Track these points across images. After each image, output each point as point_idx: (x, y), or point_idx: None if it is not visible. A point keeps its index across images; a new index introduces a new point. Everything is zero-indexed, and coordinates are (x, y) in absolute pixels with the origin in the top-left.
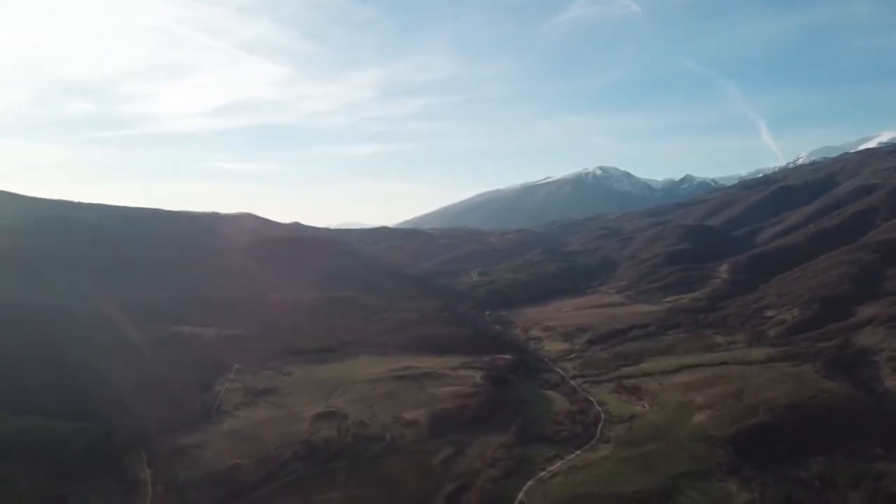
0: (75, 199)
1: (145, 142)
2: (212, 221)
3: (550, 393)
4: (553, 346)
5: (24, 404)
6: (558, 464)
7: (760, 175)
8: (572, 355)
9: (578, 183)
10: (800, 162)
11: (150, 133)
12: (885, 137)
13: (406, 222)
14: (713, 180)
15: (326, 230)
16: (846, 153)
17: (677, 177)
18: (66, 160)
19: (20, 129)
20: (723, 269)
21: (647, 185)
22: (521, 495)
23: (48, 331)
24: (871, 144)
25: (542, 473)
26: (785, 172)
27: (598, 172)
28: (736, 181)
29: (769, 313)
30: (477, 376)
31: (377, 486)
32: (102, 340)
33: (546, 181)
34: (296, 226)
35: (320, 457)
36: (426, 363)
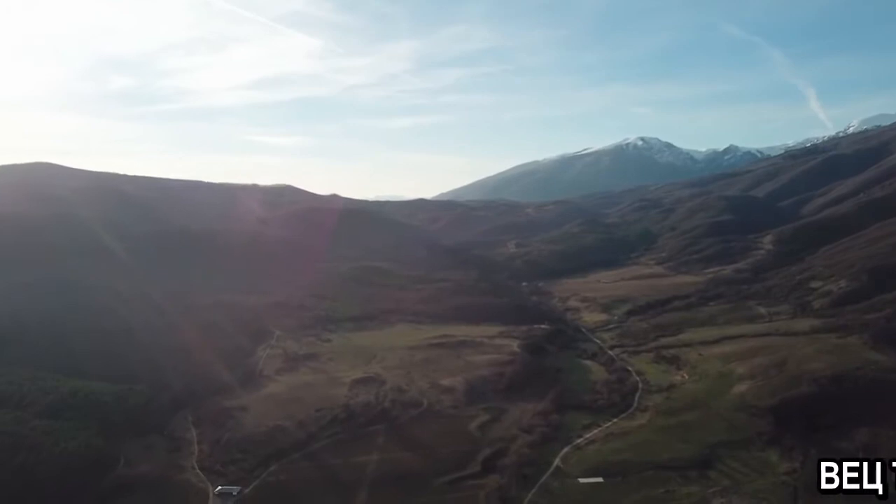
0: (120, 172)
1: (185, 116)
2: (251, 193)
3: (588, 362)
4: (591, 317)
5: (75, 368)
6: (595, 431)
7: (809, 145)
8: (611, 326)
9: (618, 154)
10: (851, 131)
11: (190, 107)
12: None
13: (443, 195)
14: (758, 151)
15: (364, 202)
16: None
17: (721, 147)
18: (110, 134)
19: (66, 104)
20: (767, 240)
21: (689, 156)
22: (557, 461)
23: (96, 299)
24: None
25: (579, 440)
26: (835, 141)
27: (639, 143)
28: (782, 151)
29: (815, 284)
30: (514, 345)
31: (414, 449)
32: (148, 307)
33: (585, 152)
34: (334, 198)
35: (359, 420)
36: (463, 332)
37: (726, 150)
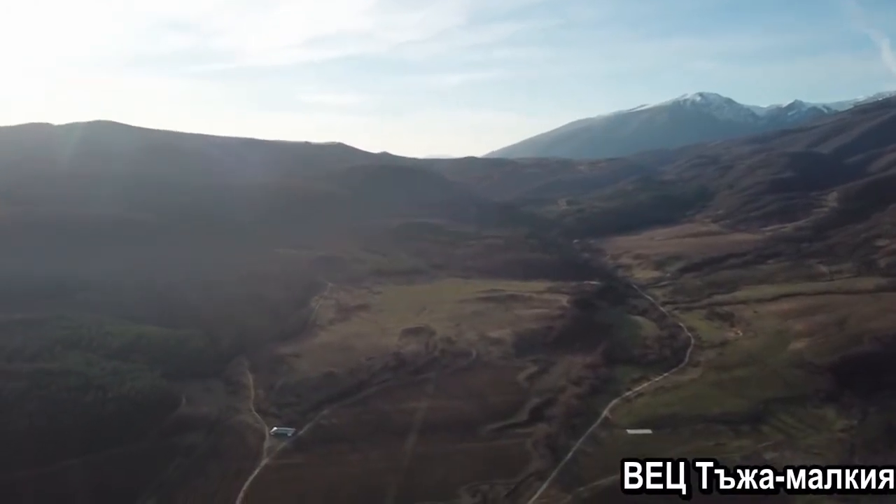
0: (177, 130)
1: (239, 75)
2: (304, 150)
3: (639, 318)
4: (643, 274)
5: (139, 313)
6: (645, 385)
7: (881, 99)
8: (663, 282)
9: (675, 111)
10: None
11: (244, 66)
12: None
13: (494, 153)
14: (825, 106)
15: (414, 160)
16: None
17: (784, 103)
18: (166, 93)
19: (124, 65)
20: (831, 198)
21: (750, 113)
22: (605, 412)
23: (156, 246)
24: None
25: (628, 393)
26: None
27: (697, 99)
28: (851, 106)
29: (881, 242)
30: (563, 300)
31: (463, 397)
32: (207, 258)
33: (641, 109)
34: (384, 155)
35: (409, 368)
36: (512, 286)
37: (790, 106)
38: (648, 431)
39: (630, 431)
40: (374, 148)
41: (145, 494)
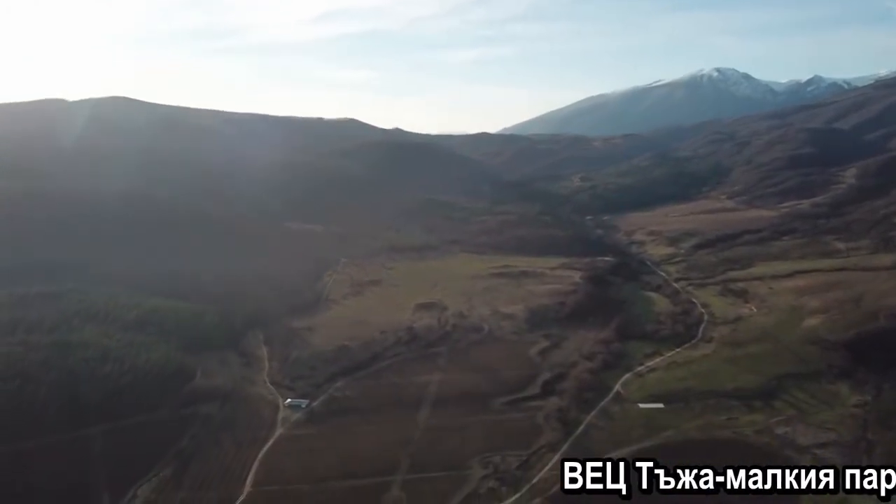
0: (190, 106)
1: (251, 51)
2: (317, 126)
3: (652, 294)
4: (657, 250)
5: (154, 287)
6: (657, 360)
7: None
8: (677, 259)
9: (692, 86)
10: None
11: (256, 43)
12: None
13: (507, 129)
14: (846, 81)
15: (427, 136)
16: None
17: (803, 78)
18: (178, 70)
19: (137, 41)
20: (850, 174)
21: (768, 88)
22: (617, 387)
23: (170, 221)
24: None
25: (640, 368)
26: None
27: (715, 75)
28: (872, 81)
29: None
30: (576, 276)
31: (475, 371)
32: (220, 233)
33: (657, 84)
34: (397, 132)
35: (421, 342)
36: (524, 262)
37: (809, 81)
38: (661, 406)
39: (642, 406)
40: (387, 124)
41: (162, 463)
